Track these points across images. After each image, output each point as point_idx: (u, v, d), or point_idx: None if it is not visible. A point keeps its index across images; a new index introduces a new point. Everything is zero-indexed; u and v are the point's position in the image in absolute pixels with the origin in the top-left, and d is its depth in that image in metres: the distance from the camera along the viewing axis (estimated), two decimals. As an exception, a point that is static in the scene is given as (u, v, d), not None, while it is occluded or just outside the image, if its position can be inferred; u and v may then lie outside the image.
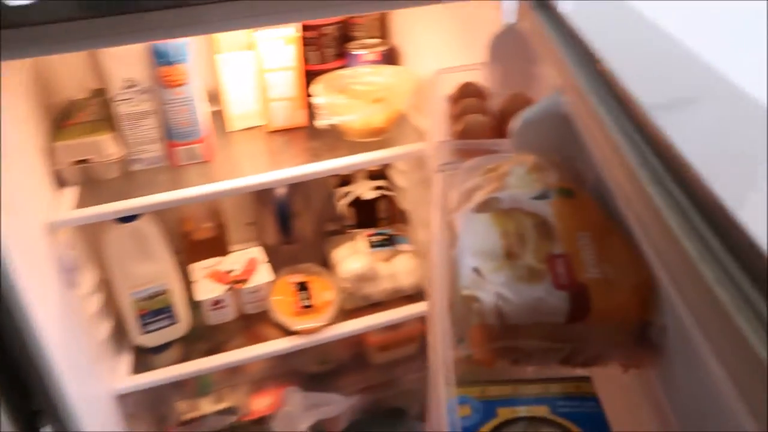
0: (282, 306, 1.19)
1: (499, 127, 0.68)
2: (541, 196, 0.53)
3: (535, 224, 0.50)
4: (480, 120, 0.67)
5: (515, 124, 0.59)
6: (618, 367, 0.48)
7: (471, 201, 0.54)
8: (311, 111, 1.09)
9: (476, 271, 0.47)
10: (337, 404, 1.31)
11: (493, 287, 0.45)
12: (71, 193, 0.97)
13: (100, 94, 1.11)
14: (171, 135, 1.02)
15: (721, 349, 0.29)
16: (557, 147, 0.60)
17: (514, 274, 0.47)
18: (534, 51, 0.75)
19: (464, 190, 0.57)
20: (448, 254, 0.52)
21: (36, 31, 0.63)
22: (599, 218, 0.52)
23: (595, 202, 0.53)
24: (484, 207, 0.53)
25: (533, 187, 0.54)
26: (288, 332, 1.16)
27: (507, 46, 0.79)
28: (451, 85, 0.81)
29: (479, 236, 0.50)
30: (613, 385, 0.48)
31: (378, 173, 1.35)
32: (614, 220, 0.51)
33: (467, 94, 0.76)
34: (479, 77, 0.82)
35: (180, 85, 0.98)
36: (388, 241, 1.25)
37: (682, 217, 0.33)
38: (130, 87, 0.97)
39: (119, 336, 1.19)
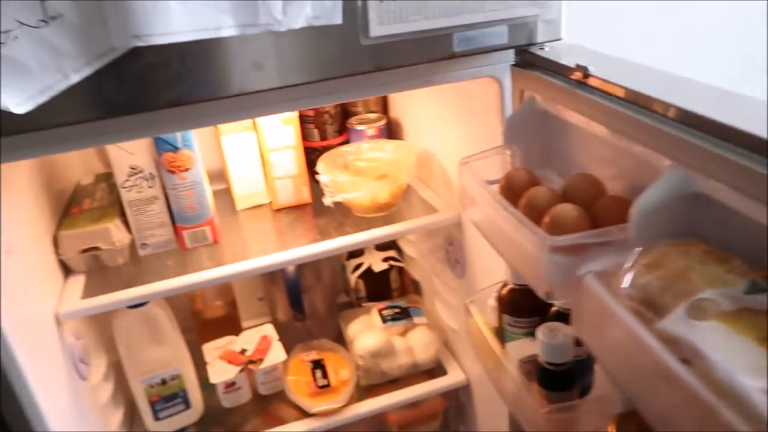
0: (298, 386, 1.16)
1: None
2: (758, 290, 0.47)
3: None
4: (570, 210, 0.62)
5: (635, 211, 0.54)
6: None
7: (665, 309, 0.48)
8: (316, 185, 1.10)
9: None
10: (358, 486, 1.25)
11: None
12: (78, 282, 0.97)
13: (106, 178, 1.13)
14: (178, 219, 1.03)
15: None
16: (688, 230, 0.55)
17: None
18: (555, 127, 0.74)
19: (639, 296, 0.51)
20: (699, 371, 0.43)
21: (42, 134, 0.64)
22: None
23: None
24: (698, 313, 0.47)
25: (732, 281, 0.49)
26: (305, 413, 1.13)
27: (525, 126, 0.77)
28: (480, 171, 0.76)
29: (730, 349, 0.44)
30: None
31: (387, 244, 1.34)
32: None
33: (521, 182, 0.71)
34: (499, 161, 0.80)
35: (186, 170, 0.99)
36: (402, 314, 1.22)
37: None
38: (135, 174, 0.98)
39: (132, 423, 1.17)
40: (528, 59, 0.76)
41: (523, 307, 0.79)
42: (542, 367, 0.70)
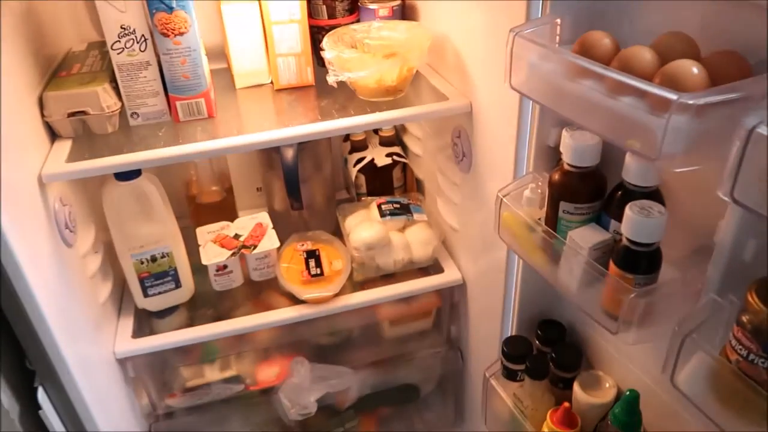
0: (290, 274, 1.14)
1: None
2: None
3: None
4: (689, 66, 0.54)
5: None
6: None
7: None
8: (320, 68, 1.03)
9: None
10: (345, 377, 1.26)
11: None
12: (64, 147, 0.92)
13: (99, 47, 1.07)
14: (171, 88, 0.96)
15: None
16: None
17: None
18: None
19: None
20: None
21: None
22: None
23: None
24: None
25: None
26: (296, 301, 1.12)
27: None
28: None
29: None
30: None
31: (391, 140, 1.28)
32: None
33: (602, 45, 0.62)
34: (547, 31, 0.70)
35: (180, 34, 0.92)
36: (402, 210, 1.18)
37: None
38: (126, 35, 0.91)
39: (122, 299, 1.17)
40: None
41: (583, 191, 0.71)
42: (628, 249, 0.64)
